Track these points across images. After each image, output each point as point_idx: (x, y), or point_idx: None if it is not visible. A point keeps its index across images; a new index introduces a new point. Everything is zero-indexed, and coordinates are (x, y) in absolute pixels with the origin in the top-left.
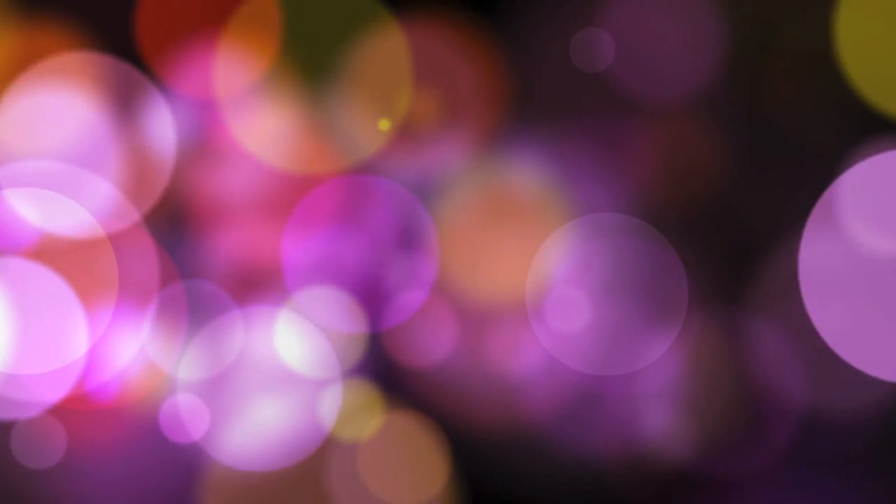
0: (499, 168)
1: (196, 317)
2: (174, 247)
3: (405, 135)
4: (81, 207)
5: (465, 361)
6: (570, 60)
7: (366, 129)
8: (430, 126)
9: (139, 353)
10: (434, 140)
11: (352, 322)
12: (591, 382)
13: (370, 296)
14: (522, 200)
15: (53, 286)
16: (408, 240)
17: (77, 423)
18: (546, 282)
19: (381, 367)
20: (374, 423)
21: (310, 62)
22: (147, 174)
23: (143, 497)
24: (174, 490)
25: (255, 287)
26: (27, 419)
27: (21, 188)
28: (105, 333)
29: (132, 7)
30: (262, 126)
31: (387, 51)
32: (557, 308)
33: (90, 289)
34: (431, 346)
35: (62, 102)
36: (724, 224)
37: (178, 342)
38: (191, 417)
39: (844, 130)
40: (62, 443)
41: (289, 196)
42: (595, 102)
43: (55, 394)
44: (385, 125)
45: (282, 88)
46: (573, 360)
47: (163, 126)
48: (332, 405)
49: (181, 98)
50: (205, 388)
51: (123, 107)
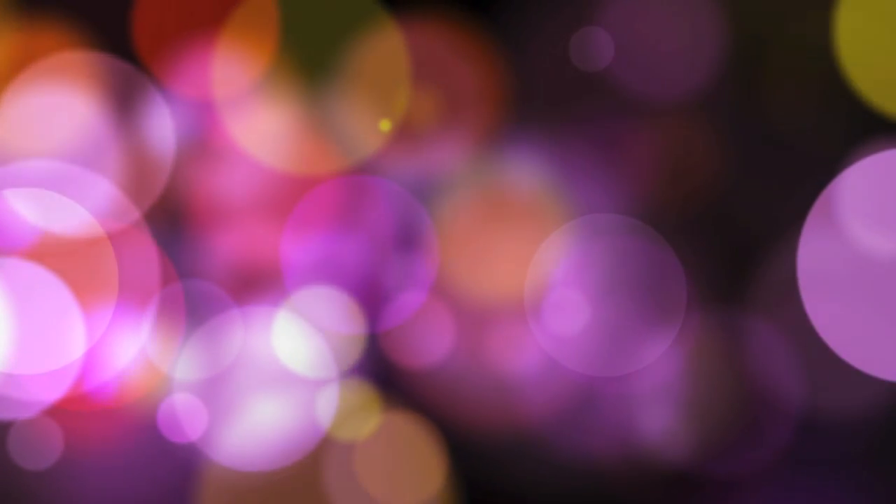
0: (497, 168)
1: (194, 316)
2: (173, 246)
3: (404, 135)
4: (80, 207)
5: (464, 362)
6: (569, 60)
7: (364, 130)
8: (429, 126)
9: (138, 353)
10: (433, 140)
11: (350, 322)
12: (590, 383)
13: (369, 296)
14: (521, 201)
15: (52, 286)
16: (406, 240)
17: (75, 423)
18: (544, 282)
19: (380, 368)
20: (372, 424)
21: (308, 62)
22: (146, 174)
23: (142, 497)
24: (172, 490)
25: (254, 287)
26: (25, 419)
27: (20, 188)
28: (104, 333)
29: (131, 6)
30: (261, 126)
31: (385, 51)
32: (556, 309)
33: (88, 288)
34: (430, 347)
35: (61, 102)
36: (723, 224)
37: (177, 342)
38: (189, 417)
39: (843, 130)
40: (60, 443)
41: (287, 196)
42: (594, 103)
43: (53, 394)
44: (386, 126)
45: (280, 88)
46: (572, 361)
47: (162, 126)
48: (330, 405)
49: (179, 98)
50: (203, 388)
51: (122, 106)
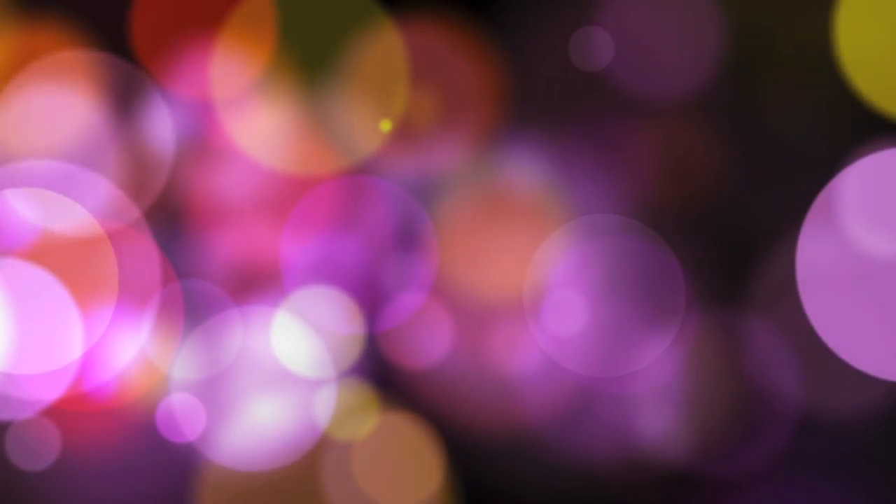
0: (497, 168)
1: (193, 316)
2: (172, 246)
3: (403, 135)
4: (79, 206)
5: (463, 362)
6: (569, 60)
7: (363, 130)
8: (428, 126)
9: (137, 353)
10: (432, 140)
11: (349, 322)
12: (589, 383)
13: (368, 296)
14: (520, 201)
15: (51, 285)
16: (405, 240)
17: (74, 423)
18: (544, 283)
19: (378, 368)
20: (370, 424)
21: (307, 62)
22: (145, 173)
23: (140, 497)
24: (171, 489)
25: (253, 287)
26: (24, 420)
27: (19, 187)
28: (103, 333)
29: (130, 6)
30: (260, 126)
31: (384, 51)
32: (555, 309)
33: (87, 288)
34: (428, 347)
35: (60, 101)
36: (722, 225)
37: (176, 342)
38: (187, 417)
39: (843, 130)
40: (59, 443)
41: (286, 196)
42: (593, 103)
43: (52, 393)
44: (386, 126)
45: (278, 88)
46: (571, 361)
47: (161, 125)
48: (328, 405)
49: (178, 99)
50: (202, 388)
51: (122, 106)
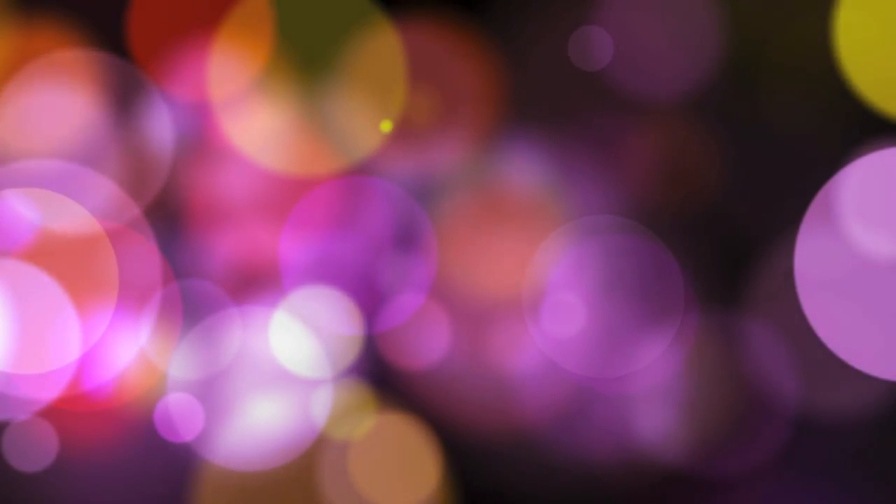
0: (495, 169)
1: (192, 316)
2: (170, 246)
3: (401, 135)
4: (78, 206)
5: (462, 362)
6: (567, 60)
7: (362, 130)
8: (427, 126)
9: (136, 353)
10: (430, 140)
11: (348, 322)
12: (588, 384)
13: (366, 296)
14: (519, 202)
15: (49, 285)
16: (404, 240)
17: (72, 424)
18: (542, 283)
19: (377, 368)
20: (368, 424)
21: (304, 63)
22: (145, 173)
23: (138, 497)
24: (169, 489)
25: (252, 287)
26: (22, 420)
27: (17, 187)
28: (101, 333)
29: (129, 5)
30: (258, 126)
31: (382, 51)
32: (554, 309)
33: (86, 287)
34: (427, 347)
35: (59, 101)
36: (721, 225)
37: (174, 341)
38: (185, 416)
39: (842, 130)
40: (57, 443)
41: (285, 196)
42: (592, 103)
43: (51, 394)
44: (385, 127)
45: (277, 88)
46: (569, 362)
47: (160, 125)
48: (326, 405)
49: (176, 99)
50: (200, 388)
51: (121, 105)
